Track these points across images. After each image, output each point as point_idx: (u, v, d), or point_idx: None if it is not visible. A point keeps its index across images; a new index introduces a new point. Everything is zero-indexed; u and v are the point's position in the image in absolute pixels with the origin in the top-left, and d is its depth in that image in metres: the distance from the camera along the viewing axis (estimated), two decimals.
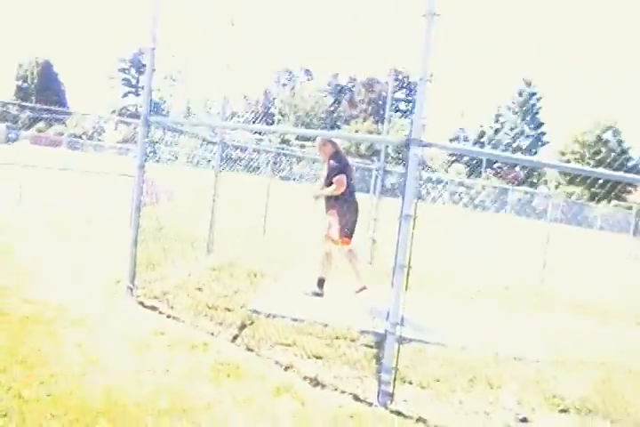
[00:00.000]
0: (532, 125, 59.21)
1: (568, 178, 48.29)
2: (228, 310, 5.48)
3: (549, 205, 9.87)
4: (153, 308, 5.21)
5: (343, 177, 6.38)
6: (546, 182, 54.45)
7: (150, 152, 5.48)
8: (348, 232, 6.56)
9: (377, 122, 54.27)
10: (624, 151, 49.60)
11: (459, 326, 6.04)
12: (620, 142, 50.16)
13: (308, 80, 59.57)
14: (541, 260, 9.60)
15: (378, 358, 4.74)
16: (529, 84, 59.46)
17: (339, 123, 55.26)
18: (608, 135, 50.04)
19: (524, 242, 15.50)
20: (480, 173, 54.25)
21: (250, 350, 4.47)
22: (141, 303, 5.29)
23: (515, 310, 7.28)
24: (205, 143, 7.55)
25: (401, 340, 4.00)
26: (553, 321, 6.91)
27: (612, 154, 47.94)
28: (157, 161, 6.51)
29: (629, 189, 45.49)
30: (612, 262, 15.35)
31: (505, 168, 51.64)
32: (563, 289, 9.34)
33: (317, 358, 4.56)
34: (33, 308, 4.70)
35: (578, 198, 40.98)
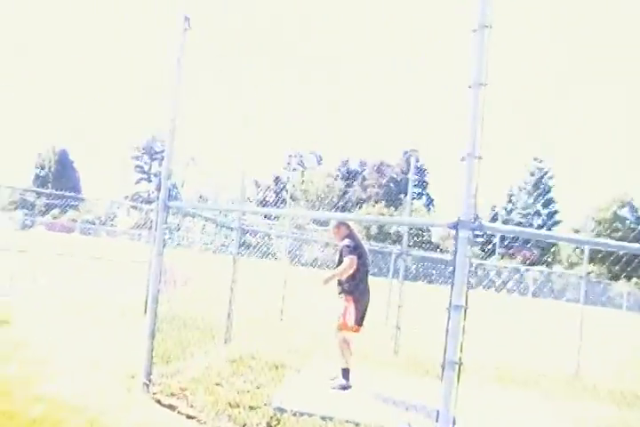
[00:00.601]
0: (545, 204, 59.41)
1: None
2: (252, 408, 5.07)
3: (582, 285, 9.45)
4: (171, 407, 4.82)
5: (354, 258, 6.17)
6: (560, 262, 53.95)
7: (168, 238, 5.28)
8: (360, 319, 6.28)
9: (388, 205, 54.56)
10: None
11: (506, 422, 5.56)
12: (638, 219, 49.96)
13: (319, 164, 60.63)
14: (576, 344, 9.09)
15: None
16: (540, 163, 60.20)
17: (349, 206, 55.57)
18: (624, 212, 49.97)
19: (552, 323, 14.97)
20: (494, 252, 53.78)
21: None
22: (158, 401, 4.90)
23: (554, 400, 6.77)
24: (222, 228, 7.37)
25: None
26: (594, 413, 6.40)
27: (630, 230, 47.64)
28: (175, 247, 6.31)
29: None
30: None
31: (516, 247, 51.15)
32: (599, 376, 8.81)
33: None
34: (43, 408, 4.34)
35: (597, 277, 40.24)
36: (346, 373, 6.26)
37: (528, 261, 48.12)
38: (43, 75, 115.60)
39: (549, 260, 51.79)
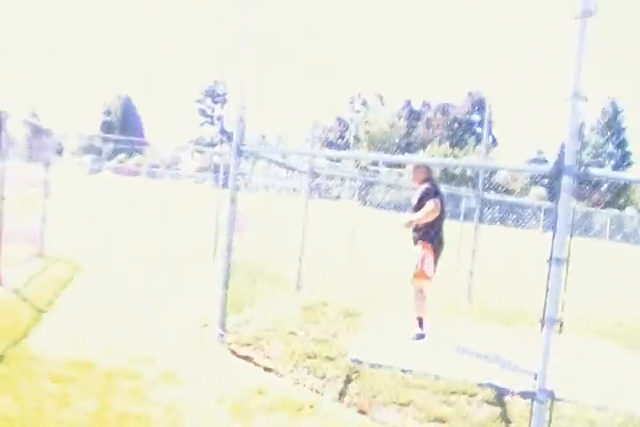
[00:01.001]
0: (618, 145, 56.71)
1: None
2: (329, 358, 4.88)
3: None
4: (247, 358, 4.68)
5: (438, 202, 5.79)
6: (632, 203, 51.87)
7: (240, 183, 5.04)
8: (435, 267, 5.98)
9: (453, 146, 53.11)
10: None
11: (594, 376, 5.20)
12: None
13: (382, 106, 59.19)
14: None
15: (506, 420, 4.06)
16: (613, 102, 57.10)
17: (413, 147, 54.40)
18: None
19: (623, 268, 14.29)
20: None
21: (362, 412, 3.84)
22: (234, 352, 4.76)
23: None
24: (293, 171, 7.09)
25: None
26: None
27: None
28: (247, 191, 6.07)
29: None
30: None
31: (588, 189, 49.14)
32: None
33: (440, 421, 3.89)
34: (117, 361, 4.26)
35: None
36: (421, 322, 6.02)
37: (600, 204, 46.30)
38: (108, 20, 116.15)
39: (622, 202, 49.74)
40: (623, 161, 57.05)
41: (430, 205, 5.72)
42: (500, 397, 4.50)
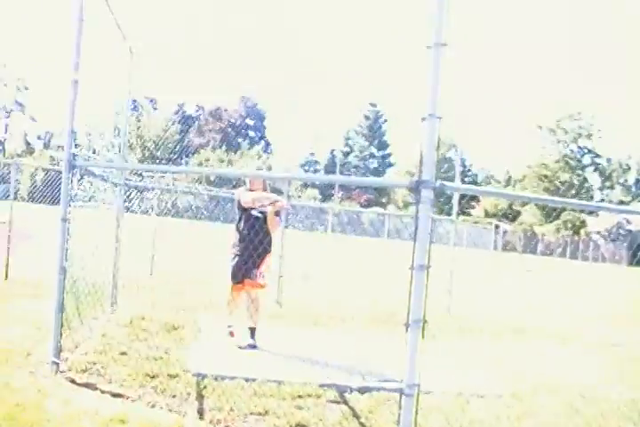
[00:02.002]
0: (379, 147, 62.01)
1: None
2: (172, 376, 4.80)
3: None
4: (89, 385, 4.40)
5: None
6: (392, 202, 57.24)
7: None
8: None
9: (226, 151, 53.73)
10: (465, 168, 53.68)
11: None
12: (463, 161, 54.04)
13: (154, 110, 57.70)
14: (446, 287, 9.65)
15: (357, 416, 4.37)
16: (374, 106, 62.34)
17: (188, 152, 53.90)
18: (451, 153, 53.49)
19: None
20: (331, 196, 55.56)
21: None
22: (73, 381, 4.44)
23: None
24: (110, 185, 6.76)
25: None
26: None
27: (454, 171, 51.44)
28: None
29: (472, 203, 49.17)
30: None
31: (356, 191, 53.21)
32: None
33: (301, 426, 4.06)
34: None
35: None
36: (253, 332, 6.19)
37: (367, 204, 50.38)
38: None
39: (384, 201, 54.68)
40: (384, 161, 62.76)
41: (278, 222, 5.99)
42: (342, 395, 4.82)
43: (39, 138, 64.78)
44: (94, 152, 6.34)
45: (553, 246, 46.83)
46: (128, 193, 9.45)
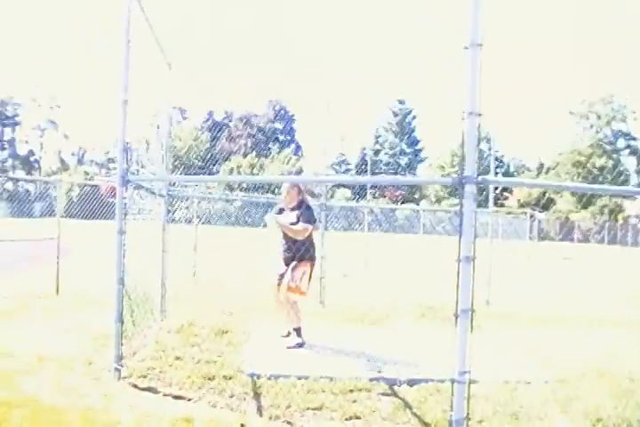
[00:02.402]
0: (409, 143, 61.96)
1: (448, 191, 51.07)
2: (227, 377, 5.00)
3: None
4: (150, 389, 4.63)
5: (309, 227, 6.28)
6: (425, 197, 57.05)
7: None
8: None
9: (258, 155, 54.20)
10: (498, 159, 53.46)
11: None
12: (494, 152, 53.75)
13: (184, 119, 58.61)
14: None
15: (409, 407, 4.51)
16: (403, 104, 62.32)
17: (219, 159, 54.56)
18: (483, 146, 53.34)
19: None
20: (365, 194, 55.57)
21: (289, 423, 4.05)
22: (135, 386, 4.68)
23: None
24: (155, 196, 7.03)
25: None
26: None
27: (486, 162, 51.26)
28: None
29: (505, 194, 48.78)
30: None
31: (390, 188, 53.12)
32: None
33: (356, 418, 4.24)
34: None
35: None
36: (299, 331, 6.36)
37: (400, 200, 50.31)
38: None
39: (417, 197, 54.62)
40: (415, 157, 62.68)
41: (301, 226, 6.14)
42: (391, 388, 4.96)
43: (73, 154, 66.35)
44: (142, 166, 6.59)
45: (590, 233, 46.07)
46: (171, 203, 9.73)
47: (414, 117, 62.74)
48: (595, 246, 39.26)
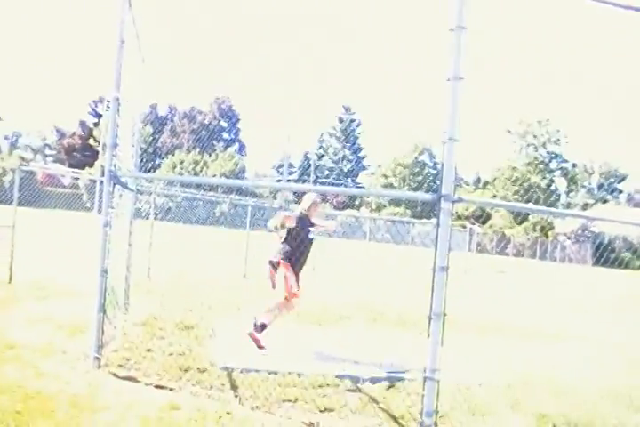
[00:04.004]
0: (353, 150, 62.85)
1: (387, 200, 52.16)
2: (201, 370, 5.20)
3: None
4: (130, 378, 4.79)
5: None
6: (366, 204, 57.96)
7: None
8: None
9: (201, 152, 53.75)
10: (437, 171, 54.96)
11: None
12: (435, 164, 55.30)
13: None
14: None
15: (375, 402, 4.82)
16: (348, 111, 63.14)
17: (161, 153, 53.86)
18: (425, 158, 54.84)
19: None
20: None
21: (270, 413, 4.30)
22: (115, 375, 4.82)
23: None
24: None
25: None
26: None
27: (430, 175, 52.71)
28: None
29: None
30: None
31: (331, 194, 53.72)
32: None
33: (330, 410, 4.52)
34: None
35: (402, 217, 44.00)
36: (264, 327, 6.56)
37: (341, 206, 50.95)
38: None
39: (357, 204, 55.47)
40: (358, 165, 63.58)
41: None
42: (356, 384, 5.28)
43: (6, 138, 63.99)
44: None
45: (523, 248, 48.03)
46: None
47: (359, 125, 63.73)
48: (527, 261, 40.91)
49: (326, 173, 59.00)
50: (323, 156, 61.61)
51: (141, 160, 8.56)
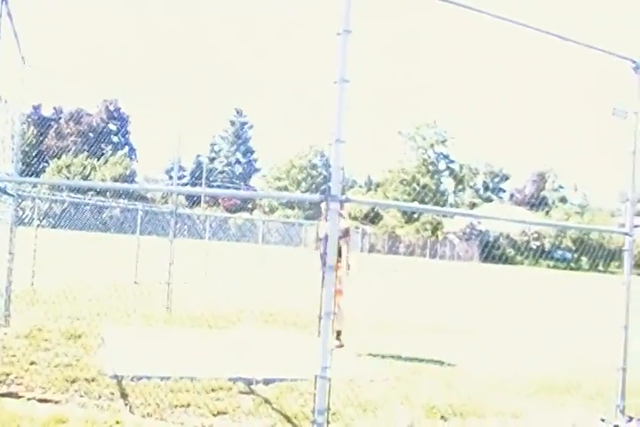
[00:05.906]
0: (244, 153, 62.68)
1: (280, 202, 52.61)
2: (89, 380, 5.04)
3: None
4: (11, 394, 4.56)
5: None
6: (259, 207, 58.12)
7: None
8: None
9: (89, 156, 51.68)
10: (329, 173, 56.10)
11: None
12: (324, 165, 56.30)
13: (7, 112, 54.17)
14: None
15: (269, 403, 4.87)
16: (240, 114, 62.91)
17: (47, 156, 51.22)
18: (317, 160, 55.63)
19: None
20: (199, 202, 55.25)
21: (162, 419, 4.24)
22: None
23: None
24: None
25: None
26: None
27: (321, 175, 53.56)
28: None
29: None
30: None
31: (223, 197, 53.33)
32: None
33: (223, 413, 4.52)
34: None
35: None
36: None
37: (233, 209, 50.72)
38: None
39: (250, 207, 55.50)
40: (250, 167, 63.52)
41: None
42: (249, 386, 5.31)
43: None
44: None
45: (414, 247, 49.82)
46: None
47: (251, 127, 63.65)
48: (418, 260, 42.43)
49: (219, 176, 58.49)
50: (214, 159, 61.02)
51: (23, 164, 8.14)
